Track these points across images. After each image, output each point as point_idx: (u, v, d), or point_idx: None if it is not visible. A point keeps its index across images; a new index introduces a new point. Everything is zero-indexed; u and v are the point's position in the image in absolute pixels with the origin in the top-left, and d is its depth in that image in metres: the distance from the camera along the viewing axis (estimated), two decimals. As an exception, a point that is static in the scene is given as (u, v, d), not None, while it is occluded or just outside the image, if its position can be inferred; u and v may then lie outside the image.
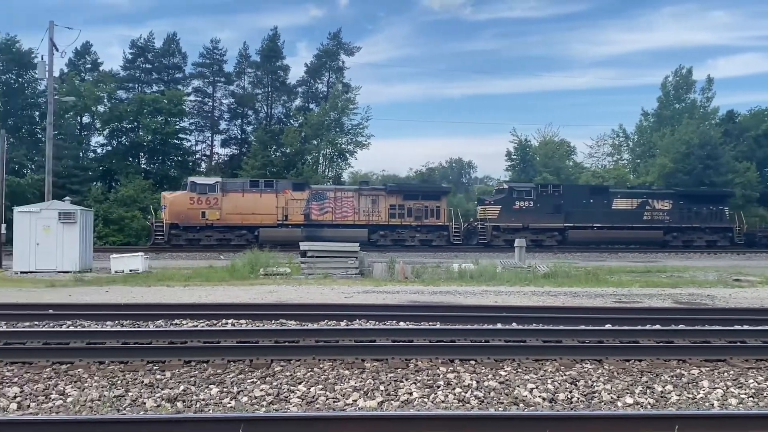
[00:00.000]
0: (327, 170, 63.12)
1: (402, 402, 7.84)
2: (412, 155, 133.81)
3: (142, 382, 8.49)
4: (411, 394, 8.09)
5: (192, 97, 66.31)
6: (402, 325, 12.60)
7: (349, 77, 69.40)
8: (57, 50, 32.93)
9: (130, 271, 25.75)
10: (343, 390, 8.21)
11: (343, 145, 62.28)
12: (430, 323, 12.77)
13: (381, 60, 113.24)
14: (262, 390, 8.14)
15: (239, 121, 68.46)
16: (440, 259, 33.82)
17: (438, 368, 9.26)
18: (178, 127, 60.78)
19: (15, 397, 7.75)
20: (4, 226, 28.84)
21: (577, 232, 46.86)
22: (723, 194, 51.91)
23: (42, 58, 32.90)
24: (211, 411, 7.43)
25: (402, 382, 8.58)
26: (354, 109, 62.23)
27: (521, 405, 7.85)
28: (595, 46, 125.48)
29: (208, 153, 68.29)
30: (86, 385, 8.30)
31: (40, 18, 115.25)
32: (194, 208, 43.03)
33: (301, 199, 45.08)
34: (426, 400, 7.93)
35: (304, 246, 25.47)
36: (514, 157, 67.73)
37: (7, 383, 8.34)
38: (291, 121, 66.00)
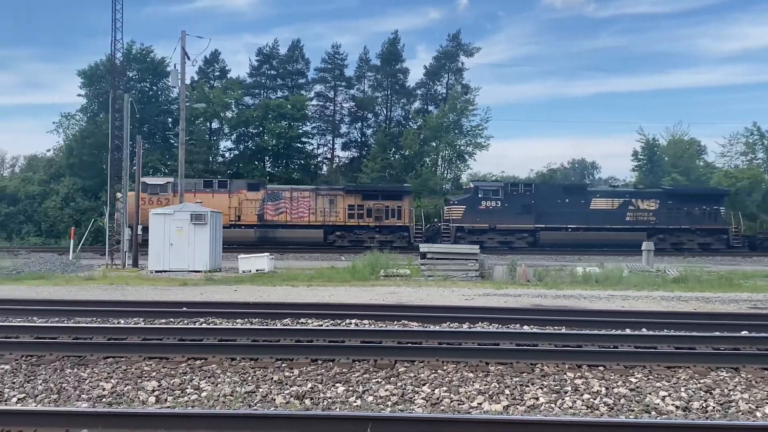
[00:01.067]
0: (446, 172, 63.04)
1: (528, 407, 7.72)
2: (533, 156, 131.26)
3: (272, 378, 8.72)
4: (537, 399, 7.96)
5: (314, 102, 67.73)
6: (526, 328, 12.41)
7: (469, 78, 69.08)
8: (188, 59, 34.34)
9: (257, 271, 26.52)
10: (468, 393, 8.16)
11: (462, 147, 61.99)
12: (555, 327, 12.53)
13: (501, 60, 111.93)
14: (386, 390, 8.20)
15: (359, 124, 69.36)
16: (562, 263, 33.16)
17: (565, 373, 9.07)
18: (300, 131, 62.16)
19: (153, 391, 8.12)
20: (140, 227, 30.32)
21: (549, 234, 44.53)
22: (718, 193, 48.08)
23: (174, 67, 34.35)
24: (338, 409, 7.55)
25: (528, 386, 8.46)
26: (473, 110, 61.85)
27: (653, 413, 7.58)
28: (724, 41, 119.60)
29: (329, 156, 69.62)
30: (219, 380, 8.61)
31: (172, 28, 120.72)
32: (145, 209, 42.25)
33: (255, 199, 44.80)
34: (553, 405, 7.78)
35: (423, 248, 25.53)
36: (641, 156, 65.38)
37: (146, 377, 8.75)
38: (410, 123, 66.30)
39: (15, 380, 8.63)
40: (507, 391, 8.22)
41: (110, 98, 35.18)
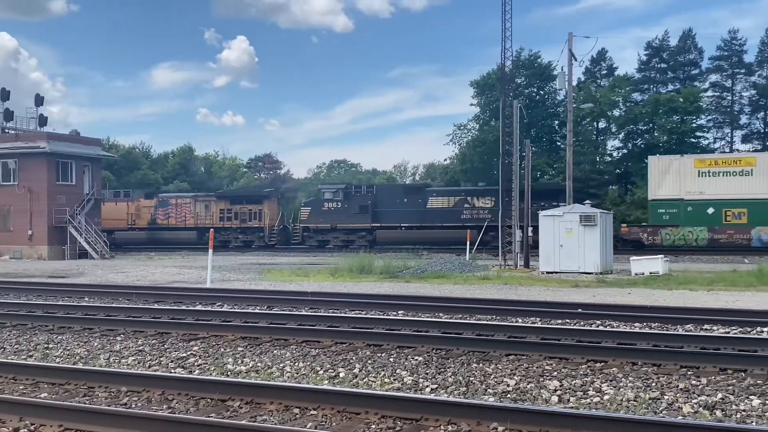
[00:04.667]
0: None
1: None
2: None
3: (677, 386, 8.31)
4: None
5: (709, 93, 63.48)
6: None
7: None
8: (575, 60, 34.36)
9: (650, 273, 25.58)
10: None
11: None
12: None
13: None
14: (813, 408, 7.34)
15: (762, 114, 63.39)
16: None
17: None
18: (694, 125, 58.74)
19: (555, 391, 8.22)
20: (530, 229, 31.07)
21: (385, 232, 46.99)
22: (559, 189, 43.55)
23: (562, 69, 34.62)
24: (754, 423, 6.94)
25: None
26: None
27: None
28: None
29: (727, 150, 64.70)
30: (621, 384, 8.43)
31: (558, 31, 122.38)
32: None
33: (149, 206, 53.75)
34: None
35: None
36: None
37: (547, 376, 8.90)
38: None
39: (428, 371, 9.33)
40: None
41: (500, 105, 36.56)
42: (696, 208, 40.42)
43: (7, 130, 50.02)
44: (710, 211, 40.31)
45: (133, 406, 7.72)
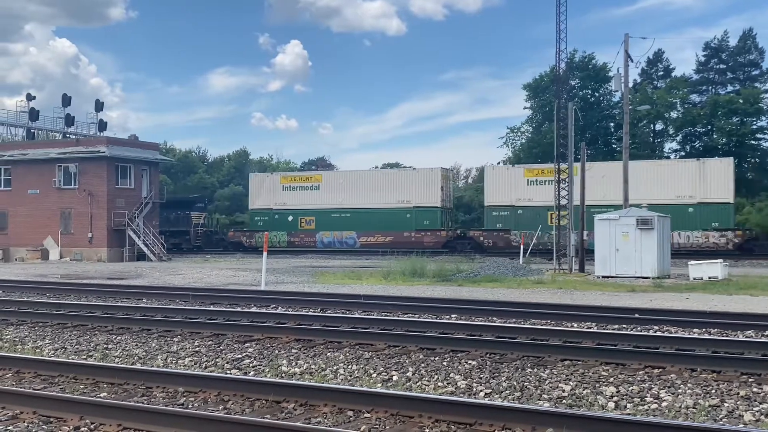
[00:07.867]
0: None
1: None
2: None
3: (738, 393, 8.12)
4: None
5: (771, 94, 61.79)
6: None
7: None
8: (632, 61, 33.79)
9: (709, 278, 25.04)
10: None
11: None
12: None
13: None
14: None
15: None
16: None
17: None
18: (754, 127, 57.33)
19: (612, 397, 8.10)
20: (585, 233, 30.66)
21: None
22: (190, 200, 55.45)
23: (618, 71, 34.05)
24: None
25: None
26: None
27: None
28: None
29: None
30: (679, 391, 8.27)
31: (614, 32, 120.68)
32: None
33: None
34: None
35: None
36: None
37: (603, 383, 8.76)
38: None
39: (481, 376, 9.28)
40: None
41: (555, 108, 36.15)
42: (281, 216, 51.47)
43: (68, 135, 51.44)
44: (290, 218, 51.48)
45: (190, 406, 7.85)
